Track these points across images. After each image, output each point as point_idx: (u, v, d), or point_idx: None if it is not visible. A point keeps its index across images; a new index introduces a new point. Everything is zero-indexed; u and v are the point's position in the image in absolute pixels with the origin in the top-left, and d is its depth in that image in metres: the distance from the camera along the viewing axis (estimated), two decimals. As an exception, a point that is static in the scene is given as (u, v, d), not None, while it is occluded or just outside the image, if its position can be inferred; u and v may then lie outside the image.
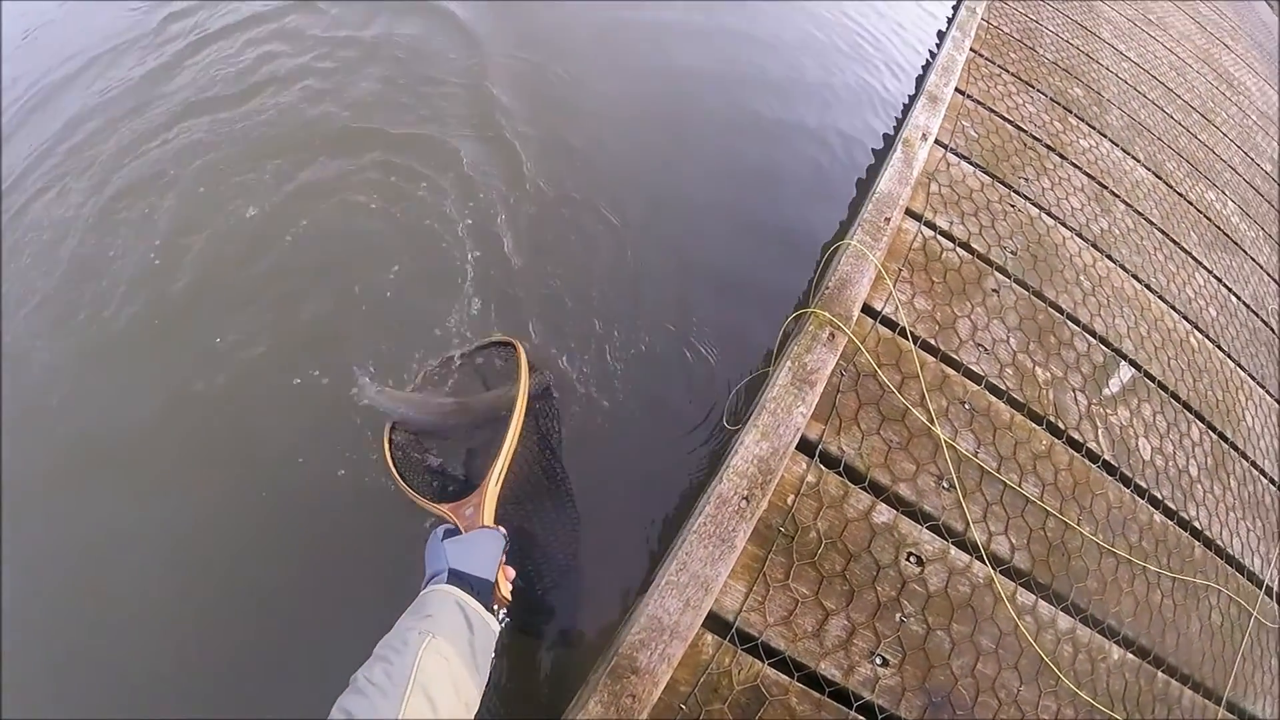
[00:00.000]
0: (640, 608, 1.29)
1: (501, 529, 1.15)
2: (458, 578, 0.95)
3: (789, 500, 1.48)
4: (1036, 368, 1.95)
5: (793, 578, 1.40)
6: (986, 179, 2.43)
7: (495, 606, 0.99)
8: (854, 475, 1.56)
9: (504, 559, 1.10)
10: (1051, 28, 3.71)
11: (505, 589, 1.04)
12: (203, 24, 2.91)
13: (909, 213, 2.14)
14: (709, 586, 1.29)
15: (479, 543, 1.06)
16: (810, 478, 1.51)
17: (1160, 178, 3.07)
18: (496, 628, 0.95)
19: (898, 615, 1.43)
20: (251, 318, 1.96)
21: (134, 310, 1.97)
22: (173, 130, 2.46)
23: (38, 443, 1.77)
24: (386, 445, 1.57)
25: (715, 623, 1.32)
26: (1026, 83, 3.09)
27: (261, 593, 1.59)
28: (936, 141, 2.44)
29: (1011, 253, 2.20)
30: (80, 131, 2.49)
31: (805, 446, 1.56)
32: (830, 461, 1.56)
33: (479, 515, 1.20)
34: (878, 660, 1.37)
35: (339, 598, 1.55)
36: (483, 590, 0.95)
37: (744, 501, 1.38)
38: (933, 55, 3.86)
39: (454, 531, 1.14)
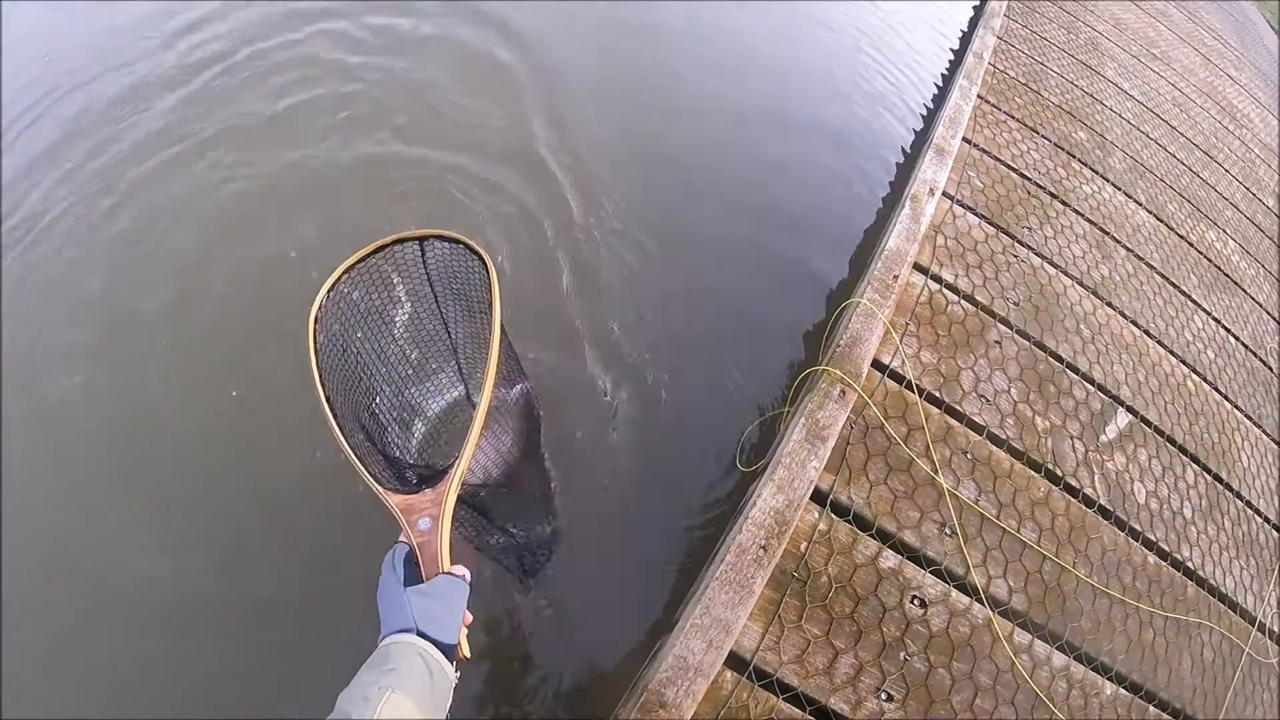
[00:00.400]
0: (667, 648, 1.43)
1: (466, 573, 1.06)
2: (423, 636, 0.96)
3: (802, 547, 1.62)
4: (1036, 416, 2.08)
5: (805, 619, 1.54)
6: (991, 230, 2.56)
7: (454, 663, 0.98)
8: (862, 523, 1.70)
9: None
10: (1056, 69, 3.84)
11: (465, 648, 1.01)
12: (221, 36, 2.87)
13: (916, 266, 2.28)
14: (729, 628, 1.44)
15: (443, 597, 1.01)
16: (822, 526, 1.65)
17: (1161, 220, 3.18)
18: (454, 678, 0.97)
19: (902, 654, 1.56)
20: (263, 334, 2.03)
21: (139, 317, 2.04)
22: (188, 145, 2.48)
23: (38, 444, 1.82)
24: (311, 342, 1.16)
25: (734, 661, 1.46)
26: (1031, 128, 3.22)
27: (261, 593, 1.65)
28: (944, 194, 2.57)
29: (1014, 304, 2.33)
30: (93, 137, 2.47)
31: (817, 496, 1.70)
32: (840, 510, 1.70)
33: (436, 533, 1.05)
34: (883, 696, 1.50)
35: (339, 599, 1.57)
36: (446, 651, 0.97)
37: (761, 550, 1.53)
38: (945, 80, 4.00)
39: (410, 563, 1.06)
